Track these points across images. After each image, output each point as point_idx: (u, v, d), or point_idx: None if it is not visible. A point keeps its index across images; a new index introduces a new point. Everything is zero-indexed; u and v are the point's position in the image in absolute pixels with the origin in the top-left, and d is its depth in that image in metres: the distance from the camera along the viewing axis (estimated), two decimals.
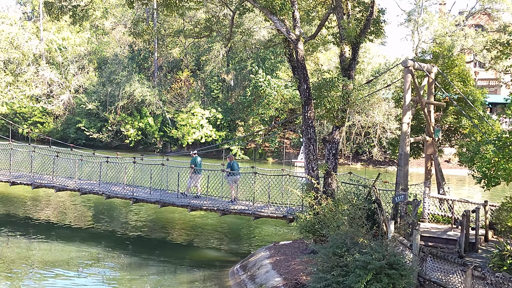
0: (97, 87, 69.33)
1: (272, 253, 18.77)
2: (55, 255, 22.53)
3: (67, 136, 69.58)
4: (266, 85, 57.73)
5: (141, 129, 65.59)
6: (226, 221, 29.11)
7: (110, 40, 79.70)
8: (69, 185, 27.75)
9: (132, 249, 24.04)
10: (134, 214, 31.08)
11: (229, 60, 67.95)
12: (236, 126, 62.65)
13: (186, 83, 67.80)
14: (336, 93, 18.52)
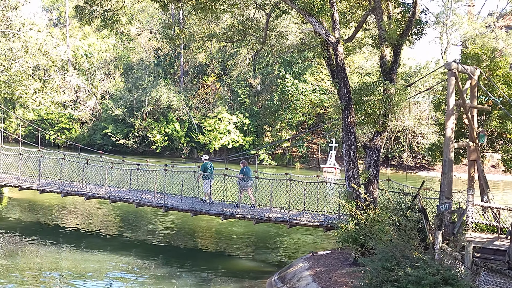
0: (123, 93, 69.20)
1: (312, 264, 18.03)
2: (85, 264, 22.03)
3: (94, 142, 69.57)
4: (294, 90, 56.98)
5: (168, 135, 65.25)
6: (256, 229, 28.39)
7: (136, 46, 79.61)
8: (99, 193, 27.30)
9: (164, 258, 23.46)
10: (162, 222, 30.53)
11: (256, 64, 67.36)
12: (263, 131, 61.98)
13: (213, 88, 67.33)
14: (378, 98, 17.76)
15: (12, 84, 38.96)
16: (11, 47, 36.62)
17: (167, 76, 70.64)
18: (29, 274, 20.52)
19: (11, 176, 31.20)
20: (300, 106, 57.88)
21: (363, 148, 18.58)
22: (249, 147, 61.01)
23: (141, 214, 31.70)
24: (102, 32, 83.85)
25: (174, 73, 72.79)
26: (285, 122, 60.10)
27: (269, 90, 62.94)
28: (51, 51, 37.75)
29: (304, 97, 57.06)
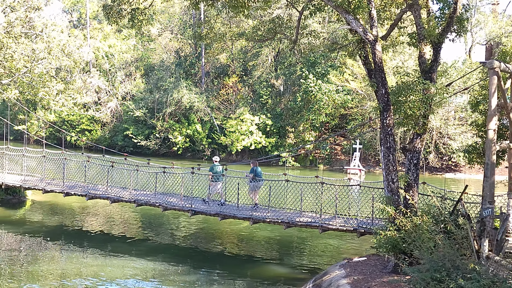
0: (144, 94, 68.86)
1: (348, 271, 17.28)
2: (110, 270, 21.49)
3: (115, 143, 69.30)
4: (317, 90, 56.14)
5: (189, 136, 64.75)
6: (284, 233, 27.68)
7: (156, 47, 79.26)
8: (124, 197, 26.77)
9: (191, 263, 22.85)
10: (187, 226, 29.92)
11: (278, 65, 66.66)
12: (286, 132, 61.21)
13: (234, 89, 66.71)
14: (417, 98, 16.97)
15: (34, 86, 38.63)
16: (34, 48, 36.26)
17: (188, 77, 70.16)
18: (52, 279, 20.07)
19: (35, 178, 30.81)
20: (323, 107, 57.00)
21: (401, 151, 17.80)
22: (272, 149, 60.30)
23: (165, 217, 31.12)
24: (122, 33, 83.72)
25: (195, 74, 72.29)
26: (308, 123, 59.29)
27: (291, 90, 62.17)
28: (74, 52, 37.31)
29: (328, 97, 56.18)
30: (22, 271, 20.95)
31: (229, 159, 63.01)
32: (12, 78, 38.00)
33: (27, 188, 30.50)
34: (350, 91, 57.80)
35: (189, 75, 71.45)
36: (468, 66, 51.61)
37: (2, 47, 35.25)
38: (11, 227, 27.88)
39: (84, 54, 38.03)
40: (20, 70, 36.84)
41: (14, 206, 32.81)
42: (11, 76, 38.03)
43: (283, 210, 24.28)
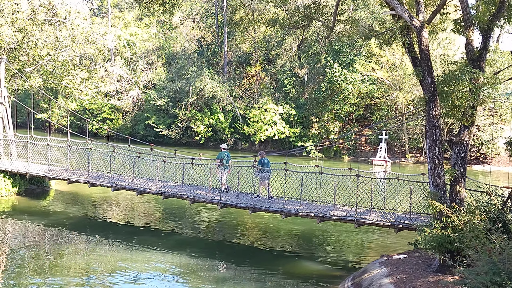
0: (166, 83, 68.15)
1: (390, 270, 16.42)
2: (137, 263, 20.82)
3: (136, 132, 68.83)
4: (342, 80, 55.05)
5: (211, 126, 64.00)
6: (316, 227, 26.86)
7: (178, 35, 78.49)
8: (150, 188, 26.10)
9: (219, 257, 22.13)
10: (214, 218, 29.18)
11: (301, 54, 65.64)
12: (309, 122, 60.17)
13: (258, 78, 65.80)
14: (465, 88, 16.02)
15: (58, 74, 38.11)
16: (57, 36, 35.66)
17: (210, 66, 69.35)
18: (76, 273, 19.49)
19: (59, 168, 30.30)
20: (348, 97, 55.95)
21: (448, 144, 16.86)
22: (295, 139, 59.35)
23: (188, 208, 30.43)
24: (143, 21, 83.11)
25: (217, 63, 71.47)
26: (332, 113, 58.27)
27: (315, 80, 61.07)
28: (98, 39, 36.67)
29: (353, 87, 55.10)
30: (46, 263, 20.41)
31: (252, 149, 62.27)
32: (35, 66, 37.49)
33: (51, 178, 30.01)
34: (376, 81, 56.66)
35: (211, 64, 70.63)
36: (500, 55, 50.22)
37: (26, 34, 34.70)
38: (36, 217, 27.36)
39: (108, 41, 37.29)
40: (44, 58, 36.31)
41: (38, 196, 32.34)
42: (35, 64, 37.53)
43: (315, 203, 23.49)
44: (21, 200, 30.78)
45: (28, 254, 21.52)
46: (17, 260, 20.78)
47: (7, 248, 22.51)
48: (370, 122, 61.37)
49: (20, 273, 19.20)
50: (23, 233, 24.95)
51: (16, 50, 36.21)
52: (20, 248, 22.38)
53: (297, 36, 63.96)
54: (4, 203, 29.94)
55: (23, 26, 34.14)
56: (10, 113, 34.32)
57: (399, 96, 54.05)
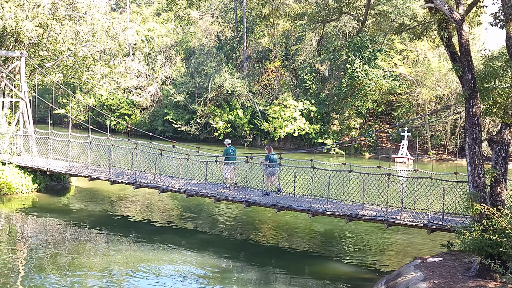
0: (185, 78, 67.64)
1: (426, 274, 15.73)
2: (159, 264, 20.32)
3: (155, 128, 68.45)
4: (364, 76, 54.21)
5: (230, 122, 63.43)
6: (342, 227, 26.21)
7: (196, 30, 77.96)
8: (173, 186, 25.56)
9: (244, 257, 21.57)
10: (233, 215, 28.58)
11: (321, 49, 64.86)
12: (330, 119, 59.40)
13: (278, 74, 65.09)
14: (507, 84, 15.28)
15: (78, 69, 37.71)
16: (78, 31, 35.24)
17: (228, 62, 68.74)
18: (97, 272, 19.10)
19: (80, 165, 29.88)
20: (370, 93, 55.08)
21: (488, 143, 16.12)
22: (316, 136, 58.60)
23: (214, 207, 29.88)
24: (161, 16, 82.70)
25: (236, 58, 70.85)
26: (353, 110, 57.43)
27: (336, 76, 60.25)
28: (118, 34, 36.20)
29: (375, 83, 54.22)
30: (66, 262, 19.99)
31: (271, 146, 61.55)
32: (55, 61, 37.12)
33: (72, 175, 29.61)
34: (398, 77, 55.75)
35: (230, 59, 70.04)
36: None
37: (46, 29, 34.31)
38: (56, 215, 26.95)
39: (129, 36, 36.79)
40: (64, 53, 35.92)
41: (58, 192, 31.96)
42: (55, 59, 37.16)
43: (341, 202, 22.84)
44: (41, 197, 30.42)
45: (47, 252, 21.14)
46: (37, 258, 20.40)
47: (27, 245, 22.17)
48: (391, 119, 60.50)
49: (39, 272, 18.84)
50: (43, 230, 24.58)
51: (36, 45, 35.85)
52: (40, 245, 22.00)
53: (317, 32, 63.12)
54: (25, 200, 29.60)
55: (43, 20, 33.74)
56: (30, 109, 33.99)
57: (422, 93, 53.10)
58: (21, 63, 33.44)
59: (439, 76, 52.50)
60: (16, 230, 24.79)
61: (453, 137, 54.85)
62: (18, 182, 29.99)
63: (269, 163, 24.28)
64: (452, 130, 54.76)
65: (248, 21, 70.04)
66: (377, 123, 59.33)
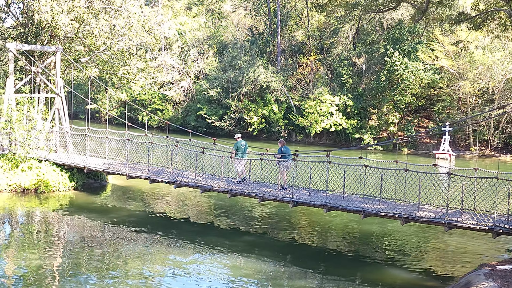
0: (218, 73, 66.63)
1: (500, 284, 14.43)
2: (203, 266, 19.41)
3: (187, 123, 67.65)
4: (403, 69, 52.55)
5: (265, 117, 62.23)
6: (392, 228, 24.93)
7: (228, 24, 76.91)
8: (215, 186, 24.50)
9: (291, 260, 20.41)
10: (276, 215, 27.46)
11: (357, 42, 63.33)
12: (367, 114, 57.84)
13: (313, 68, 63.71)
14: None
15: (113, 64, 36.92)
16: (114, 24, 34.42)
17: (262, 55, 67.55)
18: (135, 274, 18.39)
19: (117, 162, 29.02)
20: (409, 87, 53.39)
21: None
22: (353, 131, 57.13)
23: (256, 206, 28.80)
24: (192, 10, 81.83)
25: (269, 52, 69.66)
26: (391, 104, 55.81)
27: (373, 69, 58.63)
28: (155, 28, 35.28)
29: (414, 76, 52.52)
30: (103, 263, 19.31)
31: (307, 141, 60.50)
32: (91, 56, 36.38)
33: (110, 173, 28.73)
34: (438, 70, 53.99)
35: (263, 53, 68.87)
36: None
37: (82, 23, 33.55)
38: (94, 213, 26.19)
39: (165, 30, 35.86)
40: (100, 47, 35.14)
41: (95, 190, 31.20)
42: (90, 54, 36.42)
43: (394, 202, 21.54)
44: (78, 195, 29.68)
45: (85, 252, 20.47)
46: (73, 258, 19.73)
47: (64, 245, 21.57)
48: (430, 113, 58.78)
49: (75, 273, 18.22)
50: (81, 230, 23.87)
51: (72, 39, 35.16)
52: (77, 245, 21.32)
53: (354, 24, 61.63)
54: (62, 198, 28.89)
55: (79, 14, 32.97)
56: (66, 105, 33.30)
57: (464, 86, 51.26)
58: (56, 58, 32.75)
59: (482, 69, 50.65)
60: (53, 229, 24.12)
61: (497, 132, 52.90)
62: (55, 180, 29.31)
63: (282, 157, 23.78)
64: (496, 125, 52.79)
65: (282, 14, 68.79)
66: (416, 118, 57.58)
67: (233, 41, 71.26)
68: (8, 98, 31.27)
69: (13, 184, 28.60)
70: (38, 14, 31.58)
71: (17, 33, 35.15)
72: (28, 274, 17.88)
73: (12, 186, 28.58)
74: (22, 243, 21.56)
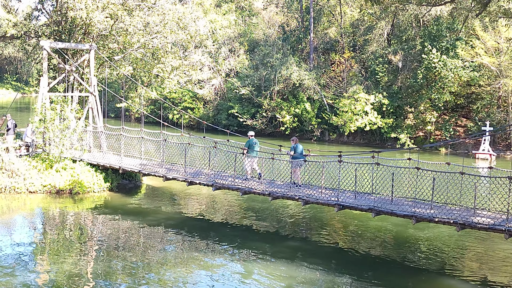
0: (250, 71, 65.67)
1: None
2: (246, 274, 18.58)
3: (218, 122, 66.84)
4: (441, 67, 50.98)
5: (297, 116, 61.04)
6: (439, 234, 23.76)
7: (259, 21, 75.90)
8: (256, 188, 23.58)
9: (336, 267, 19.44)
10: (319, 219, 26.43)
11: (392, 39, 61.85)
12: (403, 112, 56.32)
13: (347, 65, 62.38)
14: None
15: (147, 62, 36.21)
16: (148, 22, 33.68)
17: (294, 53, 66.41)
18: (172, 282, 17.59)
19: (153, 163, 28.27)
20: (448, 85, 51.77)
21: None
22: (388, 130, 55.65)
23: (296, 210, 27.83)
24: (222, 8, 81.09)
25: (301, 50, 68.50)
26: (428, 103, 54.24)
27: (410, 67, 57.07)
28: (190, 25, 34.45)
29: (453, 74, 50.91)
30: (138, 268, 18.69)
31: (340, 141, 59.20)
32: (124, 54, 35.72)
33: (146, 174, 27.94)
34: (478, 67, 52.31)
35: (295, 50, 67.72)
36: None
37: (116, 20, 32.87)
38: (129, 215, 25.52)
39: (200, 27, 35.05)
40: (134, 45, 34.44)
41: (130, 191, 30.49)
42: (123, 51, 35.76)
43: (446, 206, 20.40)
44: (113, 196, 29.00)
45: (119, 256, 19.90)
46: (107, 262, 19.16)
47: (98, 247, 21.03)
48: (468, 112, 57.09)
49: (109, 277, 17.67)
50: (116, 232, 23.29)
51: (106, 37, 34.50)
52: (111, 248, 20.76)
53: (389, 21, 60.16)
54: (97, 199, 28.24)
55: (113, 11, 32.28)
56: (99, 103, 32.69)
57: (506, 84, 49.55)
58: (90, 56, 32.16)
59: None
60: (88, 232, 23.54)
61: None
62: (90, 180, 28.68)
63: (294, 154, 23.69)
64: None
65: (315, 11, 67.60)
66: (454, 117, 55.89)
67: (264, 39, 70.25)
68: (42, 97, 30.73)
69: (48, 185, 28.04)
70: (73, 11, 30.95)
71: (50, 31, 34.61)
72: (61, 278, 17.39)
73: (47, 187, 28.02)
74: (57, 246, 21.07)
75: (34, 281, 17.08)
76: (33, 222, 24.64)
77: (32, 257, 19.62)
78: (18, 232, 22.85)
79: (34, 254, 19.98)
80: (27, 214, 25.86)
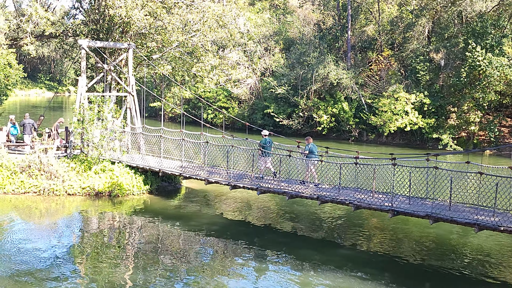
0: (286, 70, 64.54)
1: None
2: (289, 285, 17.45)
3: (254, 122, 65.79)
4: (486, 65, 49.14)
5: (334, 115, 59.69)
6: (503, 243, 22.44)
7: (294, 20, 74.71)
8: (303, 192, 22.52)
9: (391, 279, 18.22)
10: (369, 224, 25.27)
11: (432, 36, 60.12)
12: (446, 112, 54.55)
13: (386, 64, 60.79)
14: None
15: (186, 60, 35.39)
16: (187, 19, 32.85)
17: (331, 51, 65.08)
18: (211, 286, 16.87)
19: (193, 165, 27.32)
20: (493, 84, 49.87)
21: None
22: (429, 130, 53.96)
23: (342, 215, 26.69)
24: (256, 6, 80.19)
25: (338, 48, 67.16)
26: (472, 102, 52.37)
27: (452, 65, 55.28)
28: (230, 23, 33.52)
29: (499, 72, 49.03)
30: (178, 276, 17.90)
31: (379, 141, 57.71)
32: (162, 52, 34.94)
33: (187, 177, 26.98)
34: None
35: (331, 49, 66.39)
36: None
37: (155, 18, 32.09)
38: (169, 219, 24.67)
39: (240, 25, 34.09)
40: (173, 43, 33.64)
41: (169, 194, 29.65)
42: (162, 50, 34.99)
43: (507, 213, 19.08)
44: (153, 199, 28.20)
45: (158, 261, 19.17)
46: (146, 267, 18.46)
47: (136, 252, 20.36)
48: None
49: (146, 282, 17.03)
50: (155, 236, 22.55)
51: (144, 36, 33.75)
52: (150, 254, 20.00)
53: (430, 18, 58.39)
54: (136, 202, 27.47)
55: (152, 9, 31.52)
56: (137, 103, 31.96)
57: None
58: (128, 55, 31.46)
59: None
60: (127, 236, 22.86)
61: None
62: (129, 183, 27.90)
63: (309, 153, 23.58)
64: None
65: (352, 8, 66.15)
66: (499, 116, 53.94)
67: (300, 37, 69.05)
68: (80, 97, 30.10)
69: (87, 187, 27.36)
70: (112, 9, 30.25)
71: (88, 30, 33.99)
72: (98, 282, 16.84)
73: (86, 189, 27.34)
74: (95, 250, 20.44)
75: (71, 286, 16.54)
76: (72, 226, 23.99)
77: (70, 261, 19.08)
78: (56, 235, 22.19)
79: (72, 258, 19.45)
80: (66, 217, 25.23)
